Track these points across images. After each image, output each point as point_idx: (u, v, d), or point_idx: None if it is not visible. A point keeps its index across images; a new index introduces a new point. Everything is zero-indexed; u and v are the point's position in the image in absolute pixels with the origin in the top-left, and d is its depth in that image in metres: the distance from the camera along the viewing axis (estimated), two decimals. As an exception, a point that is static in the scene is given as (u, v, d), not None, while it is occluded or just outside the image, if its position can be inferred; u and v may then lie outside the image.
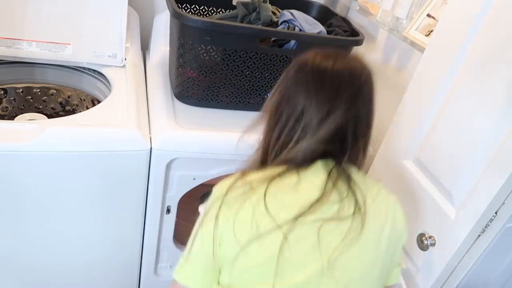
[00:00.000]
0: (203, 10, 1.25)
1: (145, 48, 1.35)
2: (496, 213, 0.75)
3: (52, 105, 1.26)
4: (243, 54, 1.00)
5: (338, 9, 1.42)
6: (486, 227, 0.77)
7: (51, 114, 1.26)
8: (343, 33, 1.13)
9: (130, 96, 1.05)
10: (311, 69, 0.64)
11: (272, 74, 1.05)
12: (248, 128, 0.72)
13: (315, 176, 0.63)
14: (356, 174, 0.66)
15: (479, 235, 0.78)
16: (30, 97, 1.23)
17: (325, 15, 1.26)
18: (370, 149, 0.76)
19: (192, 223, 0.69)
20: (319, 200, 0.60)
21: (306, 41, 1.03)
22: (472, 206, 0.75)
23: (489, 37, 0.75)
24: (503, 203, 0.74)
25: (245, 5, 1.15)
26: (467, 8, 0.79)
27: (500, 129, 0.71)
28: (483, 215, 0.74)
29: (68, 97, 1.26)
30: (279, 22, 1.10)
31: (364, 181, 0.66)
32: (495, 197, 0.72)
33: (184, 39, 0.98)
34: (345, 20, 1.19)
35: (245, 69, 1.03)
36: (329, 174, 0.63)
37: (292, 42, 1.03)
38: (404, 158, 0.93)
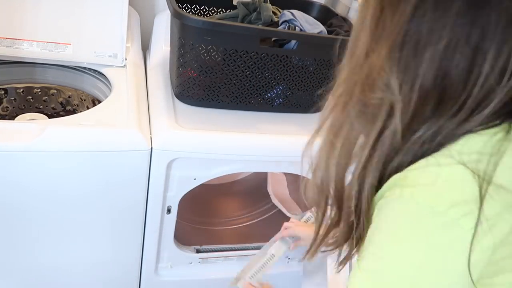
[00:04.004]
0: (204, 10, 1.25)
1: (145, 48, 1.35)
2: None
3: (52, 105, 1.26)
4: (243, 54, 1.00)
5: (339, 9, 1.42)
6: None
7: (52, 114, 1.26)
8: (344, 33, 1.13)
9: (130, 96, 1.05)
10: None
11: (272, 74, 1.05)
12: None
13: None
14: None
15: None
16: (30, 97, 1.23)
17: (325, 15, 1.26)
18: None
19: (193, 223, 0.68)
20: None
21: (307, 41, 1.03)
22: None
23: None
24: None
25: (245, 5, 1.15)
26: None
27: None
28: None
29: (69, 97, 1.26)
30: (280, 22, 1.10)
31: None
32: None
33: (185, 39, 0.98)
34: (346, 20, 1.19)
35: (245, 69, 1.03)
36: None
37: (293, 42, 1.03)
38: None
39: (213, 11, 1.26)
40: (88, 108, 1.22)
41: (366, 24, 0.49)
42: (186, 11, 1.23)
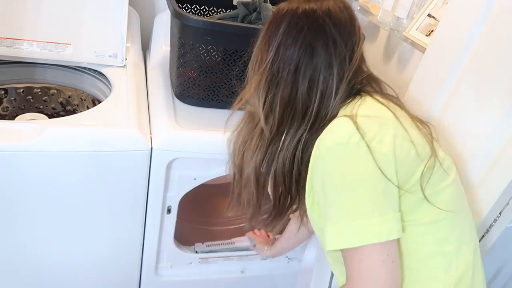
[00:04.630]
0: (204, 10, 1.25)
1: (145, 48, 1.35)
2: (500, 213, 0.75)
3: (52, 105, 1.26)
4: (243, 54, 1.00)
5: (339, 9, 1.42)
6: (490, 227, 0.77)
7: (52, 114, 1.26)
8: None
9: (130, 96, 1.05)
10: (321, 18, 0.68)
11: (272, 74, 1.05)
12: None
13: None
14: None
15: (483, 235, 0.78)
16: (30, 97, 1.23)
17: (325, 15, 1.26)
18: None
19: (193, 223, 0.69)
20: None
21: (307, 41, 1.03)
22: (477, 206, 0.75)
23: (492, 38, 0.74)
24: (507, 204, 0.74)
25: (245, 5, 1.15)
26: (469, 8, 0.79)
27: (504, 129, 0.71)
28: (488, 215, 0.74)
29: (69, 97, 1.26)
30: (280, 22, 1.10)
31: None
32: (500, 197, 0.72)
33: (185, 39, 0.98)
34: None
35: (245, 69, 1.02)
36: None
37: (293, 42, 1.03)
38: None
39: (213, 11, 1.26)
40: (88, 108, 1.22)
41: (253, 60, 0.74)
42: (186, 11, 1.23)
